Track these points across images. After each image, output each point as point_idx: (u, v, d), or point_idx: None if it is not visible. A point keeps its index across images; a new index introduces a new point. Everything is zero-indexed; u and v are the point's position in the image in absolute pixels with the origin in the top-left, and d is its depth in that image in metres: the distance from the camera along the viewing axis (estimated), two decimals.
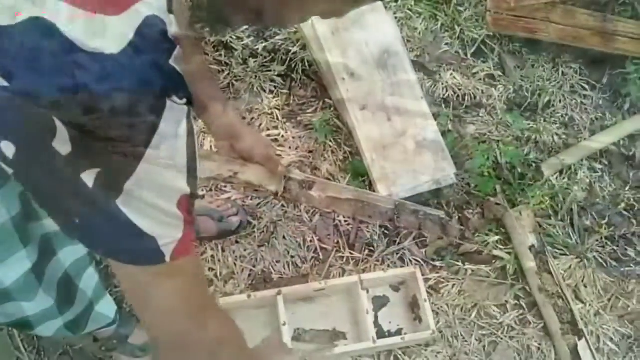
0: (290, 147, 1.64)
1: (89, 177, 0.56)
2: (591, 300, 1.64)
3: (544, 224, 1.69)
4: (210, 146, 1.56)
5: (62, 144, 0.54)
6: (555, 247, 1.67)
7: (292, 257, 1.54)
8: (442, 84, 1.82)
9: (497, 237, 1.64)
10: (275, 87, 1.71)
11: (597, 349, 1.59)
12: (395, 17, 1.83)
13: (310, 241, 1.55)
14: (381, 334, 1.49)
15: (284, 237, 1.54)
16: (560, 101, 1.89)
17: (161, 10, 0.59)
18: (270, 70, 1.72)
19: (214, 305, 0.79)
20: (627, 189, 1.84)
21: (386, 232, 1.60)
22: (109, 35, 0.54)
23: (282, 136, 1.65)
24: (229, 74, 1.69)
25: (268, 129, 1.65)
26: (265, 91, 1.70)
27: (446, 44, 1.88)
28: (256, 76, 1.71)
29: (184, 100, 0.60)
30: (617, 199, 1.82)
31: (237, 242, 1.53)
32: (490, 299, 1.59)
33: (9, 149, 0.55)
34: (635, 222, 1.80)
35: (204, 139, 1.59)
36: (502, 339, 1.56)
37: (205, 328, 0.71)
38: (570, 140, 1.85)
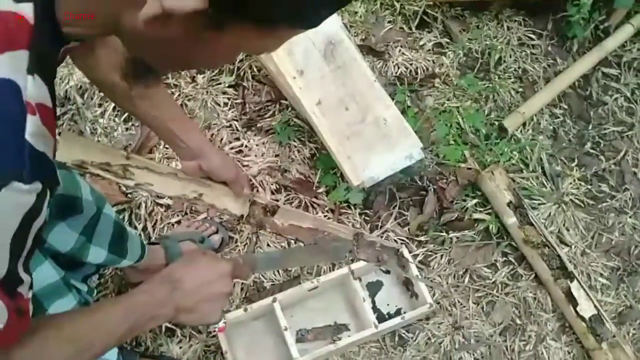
0: (256, 155, 1.64)
1: None
2: (575, 242, 1.68)
3: (517, 179, 1.72)
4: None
5: None
6: (532, 198, 1.71)
7: None
8: (393, 62, 1.82)
9: (474, 201, 1.67)
10: (228, 98, 1.71)
11: (590, 286, 1.63)
12: None
13: (294, 242, 1.56)
14: (381, 317, 1.51)
15: (267, 245, 1.55)
16: (510, 56, 1.91)
17: (16, 70, 0.49)
18: (220, 83, 1.71)
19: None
20: (590, 127, 1.88)
21: (367, 218, 1.62)
22: None
23: (246, 146, 1.65)
24: (179, 95, 1.67)
25: (230, 142, 1.65)
26: (219, 105, 1.70)
27: (389, 22, 1.89)
28: (207, 92, 1.70)
29: (32, 186, 0.51)
30: (582, 140, 1.86)
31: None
32: (479, 261, 1.62)
33: None
34: (604, 158, 1.84)
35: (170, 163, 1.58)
36: (498, 297, 1.59)
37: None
38: (527, 92, 1.87)
